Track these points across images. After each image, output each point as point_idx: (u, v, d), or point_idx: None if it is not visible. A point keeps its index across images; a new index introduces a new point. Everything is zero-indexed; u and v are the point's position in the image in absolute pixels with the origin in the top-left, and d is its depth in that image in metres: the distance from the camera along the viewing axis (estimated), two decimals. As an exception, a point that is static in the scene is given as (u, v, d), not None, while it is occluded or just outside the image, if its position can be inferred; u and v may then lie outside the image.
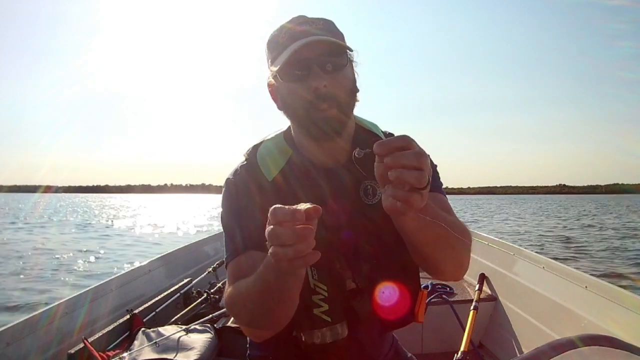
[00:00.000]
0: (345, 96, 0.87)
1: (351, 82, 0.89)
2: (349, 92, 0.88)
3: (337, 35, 0.89)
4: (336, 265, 0.90)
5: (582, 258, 9.24)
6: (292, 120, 0.93)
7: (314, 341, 0.87)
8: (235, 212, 0.93)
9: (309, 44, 0.82)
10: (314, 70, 0.83)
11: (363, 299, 0.90)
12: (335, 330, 0.87)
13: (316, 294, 0.87)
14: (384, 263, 0.91)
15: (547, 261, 2.00)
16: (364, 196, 0.92)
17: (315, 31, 0.85)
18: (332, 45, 0.84)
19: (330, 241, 0.89)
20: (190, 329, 1.82)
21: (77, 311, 1.84)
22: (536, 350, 0.59)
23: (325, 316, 0.86)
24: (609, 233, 15.13)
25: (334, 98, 0.84)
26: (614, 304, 1.50)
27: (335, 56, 0.86)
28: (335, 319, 0.87)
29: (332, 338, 0.86)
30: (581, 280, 1.70)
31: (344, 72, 0.87)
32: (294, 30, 0.85)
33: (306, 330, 0.87)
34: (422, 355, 2.17)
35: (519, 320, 2.05)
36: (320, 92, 0.83)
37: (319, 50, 0.84)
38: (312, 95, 0.83)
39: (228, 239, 0.93)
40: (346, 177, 0.92)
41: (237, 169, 0.97)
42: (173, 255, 2.97)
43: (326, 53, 0.84)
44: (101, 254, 10.00)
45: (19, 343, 1.52)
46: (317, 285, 0.87)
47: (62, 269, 8.01)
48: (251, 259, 0.84)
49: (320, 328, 0.86)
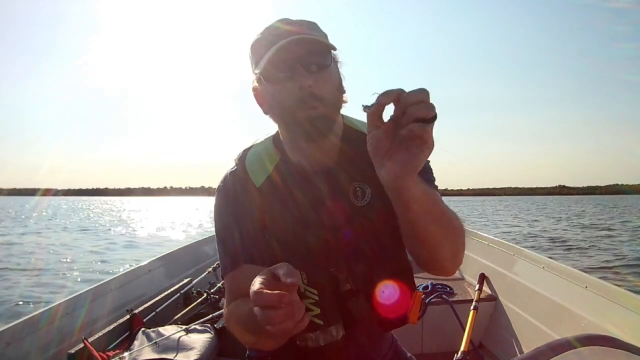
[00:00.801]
0: (331, 95, 0.85)
1: (336, 82, 0.88)
2: (334, 91, 0.86)
3: (321, 35, 0.88)
4: (328, 267, 0.89)
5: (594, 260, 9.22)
6: (278, 122, 0.92)
7: (308, 344, 0.87)
8: (225, 224, 0.93)
9: (291, 43, 0.80)
10: (298, 70, 0.82)
11: (358, 300, 0.90)
12: (328, 332, 0.87)
13: (307, 298, 0.87)
14: (379, 263, 0.91)
15: (547, 261, 2.00)
16: (354, 198, 0.91)
17: (298, 31, 0.83)
18: (315, 44, 0.83)
19: (326, 240, 0.89)
20: (190, 329, 1.82)
21: (77, 311, 1.84)
22: (535, 351, 0.59)
23: (317, 320, 0.86)
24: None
25: (320, 97, 0.82)
26: (614, 304, 1.50)
27: (319, 56, 0.84)
28: (327, 322, 0.87)
29: (325, 341, 0.86)
30: (581, 280, 1.70)
31: (329, 71, 0.85)
32: (275, 32, 0.84)
33: (299, 334, 0.88)
34: (422, 355, 2.17)
35: (519, 320, 2.05)
36: (306, 91, 0.81)
37: (302, 49, 0.81)
38: (297, 95, 0.81)
39: (221, 252, 0.93)
40: (331, 181, 0.92)
41: (226, 175, 0.96)
42: (173, 255, 2.97)
43: (310, 52, 0.82)
44: (112, 258, 10.06)
45: (19, 343, 1.52)
46: (307, 290, 0.87)
47: (72, 270, 8.09)
48: (245, 273, 0.85)
49: (313, 331, 0.87)
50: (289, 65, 0.82)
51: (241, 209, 0.91)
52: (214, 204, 0.95)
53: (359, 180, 0.91)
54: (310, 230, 0.90)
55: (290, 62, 0.82)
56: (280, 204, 0.90)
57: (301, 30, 0.84)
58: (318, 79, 0.82)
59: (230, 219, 0.92)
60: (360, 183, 0.91)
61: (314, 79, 0.82)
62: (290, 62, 0.82)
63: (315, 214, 0.90)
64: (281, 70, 0.82)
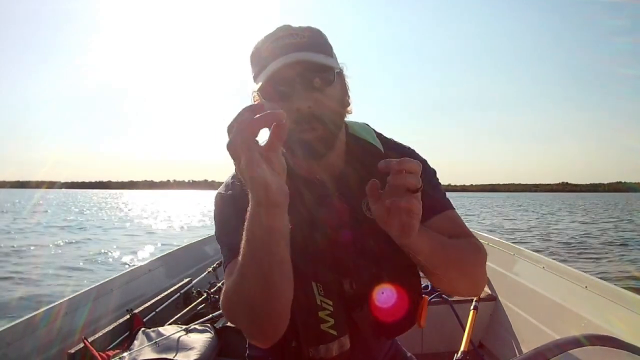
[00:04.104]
0: (332, 114, 0.82)
1: (339, 99, 0.84)
2: (336, 109, 0.83)
3: (324, 48, 0.83)
4: (335, 271, 0.89)
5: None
6: None
7: (321, 355, 0.87)
8: (228, 221, 0.88)
9: (288, 63, 0.77)
10: (297, 89, 0.78)
11: (363, 310, 0.89)
12: (341, 343, 0.88)
13: (322, 310, 0.86)
14: (385, 267, 0.90)
15: (547, 261, 2.01)
16: (367, 210, 0.88)
17: (299, 45, 0.79)
18: (314, 63, 0.79)
19: (324, 258, 0.88)
20: (190, 328, 1.82)
21: (77, 311, 1.84)
22: (543, 347, 0.59)
23: (332, 331, 0.87)
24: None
25: (319, 118, 0.79)
26: (614, 304, 1.50)
27: (321, 72, 0.80)
28: (341, 332, 0.87)
29: (337, 352, 0.87)
30: (581, 280, 1.70)
31: (331, 88, 0.82)
32: (275, 45, 0.80)
33: (313, 345, 0.88)
34: (422, 355, 2.17)
35: (519, 320, 2.05)
36: (304, 112, 0.78)
37: (301, 67, 0.78)
38: (295, 116, 0.77)
39: (224, 248, 0.90)
40: (337, 193, 0.90)
41: (228, 182, 0.93)
42: (173, 255, 2.97)
43: (310, 69, 0.79)
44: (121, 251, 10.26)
45: (20, 343, 1.52)
46: (323, 302, 0.87)
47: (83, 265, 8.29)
48: None
49: (327, 342, 0.87)
50: (287, 83, 0.78)
51: (245, 211, 0.90)
52: (214, 211, 0.92)
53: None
54: (318, 233, 0.88)
55: (289, 81, 0.78)
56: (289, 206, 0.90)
57: (302, 43, 0.80)
58: (318, 98, 0.79)
59: (232, 217, 0.87)
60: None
61: (314, 99, 0.79)
62: (288, 81, 0.78)
63: (323, 217, 0.88)
64: (278, 89, 0.79)
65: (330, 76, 0.82)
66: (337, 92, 0.84)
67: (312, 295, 0.86)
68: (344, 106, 0.87)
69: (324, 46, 0.84)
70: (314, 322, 0.86)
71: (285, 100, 0.78)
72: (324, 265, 0.88)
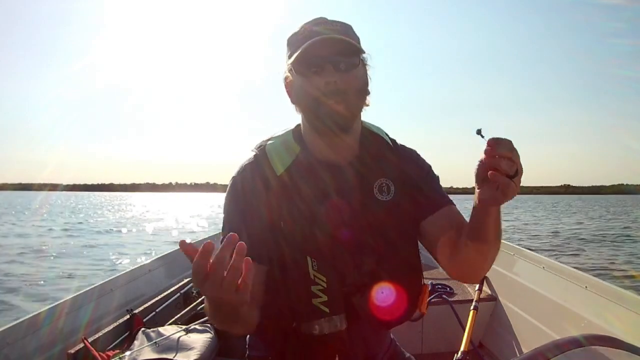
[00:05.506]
0: (354, 95, 0.90)
1: (361, 83, 0.92)
2: (358, 91, 0.91)
3: (353, 37, 0.92)
4: (339, 258, 0.91)
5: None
6: (302, 113, 0.96)
7: (312, 332, 0.88)
8: (241, 212, 0.93)
9: (323, 42, 0.86)
10: (327, 67, 0.87)
11: (363, 295, 0.91)
12: (333, 321, 0.88)
13: (315, 285, 0.88)
14: (388, 259, 0.93)
15: (547, 261, 2.00)
16: (378, 192, 0.95)
17: (332, 32, 0.89)
18: (345, 45, 0.88)
19: (333, 236, 0.91)
20: (190, 329, 1.82)
21: (77, 311, 1.84)
22: (543, 347, 0.59)
23: (323, 307, 0.88)
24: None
25: (343, 95, 0.88)
26: (614, 304, 1.50)
27: (348, 56, 0.89)
28: (333, 310, 0.88)
29: (330, 329, 0.88)
30: (581, 280, 1.70)
31: (356, 71, 0.90)
32: (312, 29, 0.89)
33: (305, 320, 0.89)
34: (422, 355, 2.17)
35: (519, 320, 2.05)
36: (330, 87, 0.87)
37: (332, 49, 0.87)
38: (322, 90, 0.87)
39: (225, 224, 0.94)
40: (352, 174, 0.95)
41: (243, 166, 0.98)
42: (173, 255, 2.97)
43: (339, 52, 0.88)
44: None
45: (20, 343, 1.52)
46: (316, 276, 0.88)
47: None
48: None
49: (319, 319, 0.88)
50: (318, 61, 0.87)
51: (258, 197, 0.92)
52: (227, 192, 0.97)
53: (383, 176, 0.95)
54: (329, 221, 0.92)
55: (320, 59, 0.87)
56: (296, 194, 0.92)
57: (335, 30, 0.89)
58: (344, 77, 0.88)
59: (245, 208, 0.93)
60: (386, 179, 0.95)
61: (340, 77, 0.87)
62: (320, 58, 0.87)
63: (329, 206, 0.92)
64: (311, 65, 0.88)
65: (357, 61, 0.90)
66: (361, 77, 0.92)
67: (306, 267, 0.89)
68: (364, 92, 0.94)
69: (354, 37, 0.93)
70: (305, 296, 0.88)
71: (315, 75, 0.88)
72: (326, 253, 0.90)
